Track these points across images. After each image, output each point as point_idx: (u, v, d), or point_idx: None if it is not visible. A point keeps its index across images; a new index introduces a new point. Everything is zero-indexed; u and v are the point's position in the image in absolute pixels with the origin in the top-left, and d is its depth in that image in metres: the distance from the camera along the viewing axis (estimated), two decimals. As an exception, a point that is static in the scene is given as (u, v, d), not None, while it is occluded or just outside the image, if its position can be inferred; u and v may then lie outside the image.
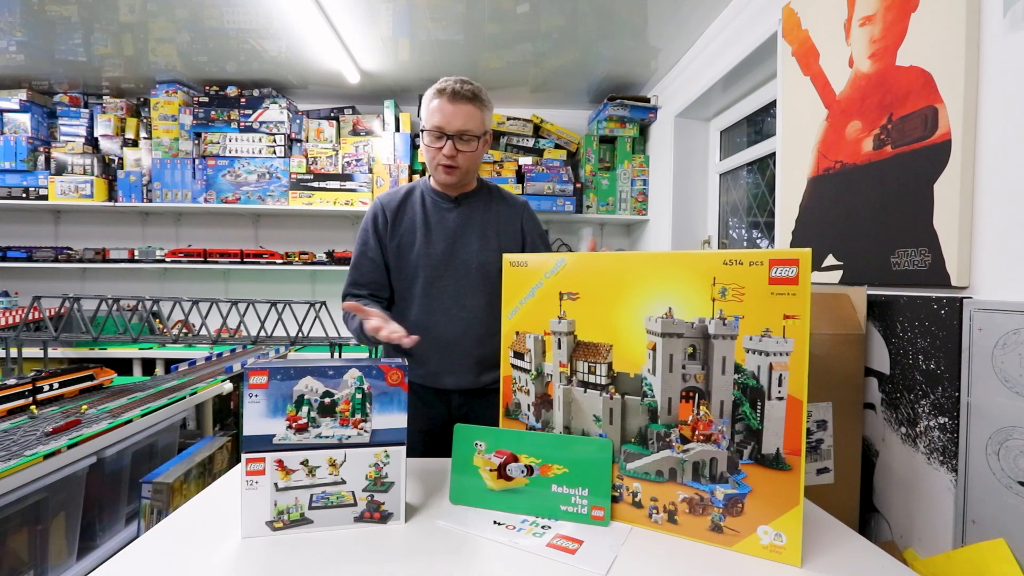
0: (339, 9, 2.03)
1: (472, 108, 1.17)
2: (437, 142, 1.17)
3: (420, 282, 1.24)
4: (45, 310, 2.12)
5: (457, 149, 1.17)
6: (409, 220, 1.26)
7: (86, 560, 1.22)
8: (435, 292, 1.23)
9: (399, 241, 1.25)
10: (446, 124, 1.15)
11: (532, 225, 1.34)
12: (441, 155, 1.18)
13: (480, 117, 1.19)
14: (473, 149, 1.20)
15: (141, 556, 0.69)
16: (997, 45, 0.90)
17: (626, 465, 0.81)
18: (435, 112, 1.16)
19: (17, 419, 1.28)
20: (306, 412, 0.76)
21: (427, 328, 1.24)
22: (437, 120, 1.16)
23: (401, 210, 1.27)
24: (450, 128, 1.15)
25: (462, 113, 1.15)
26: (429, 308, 1.24)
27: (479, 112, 1.18)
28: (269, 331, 2.18)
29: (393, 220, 1.26)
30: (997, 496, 0.85)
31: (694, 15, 2.01)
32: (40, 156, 2.92)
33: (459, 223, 1.26)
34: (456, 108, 1.15)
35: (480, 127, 1.19)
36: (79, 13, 2.11)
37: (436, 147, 1.18)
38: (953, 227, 0.95)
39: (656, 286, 0.77)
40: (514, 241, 1.30)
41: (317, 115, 3.05)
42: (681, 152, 2.60)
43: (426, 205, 1.27)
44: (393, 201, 1.28)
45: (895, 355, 1.07)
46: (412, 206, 1.28)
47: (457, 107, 1.15)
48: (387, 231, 1.26)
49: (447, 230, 1.25)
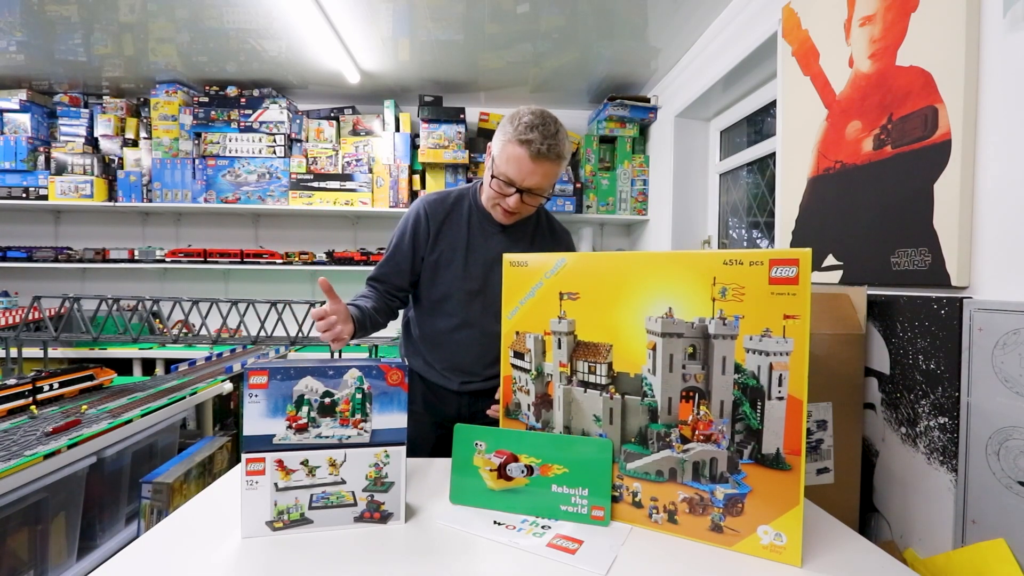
0: (339, 9, 2.03)
1: (552, 167, 1.10)
2: (505, 189, 1.11)
3: (450, 302, 1.23)
4: (45, 310, 2.12)
5: (523, 202, 1.12)
6: (452, 237, 1.22)
7: (86, 560, 1.22)
8: (463, 315, 1.23)
9: (438, 257, 1.22)
10: (520, 180, 1.09)
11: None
12: (505, 201, 1.13)
13: (556, 173, 1.12)
14: (538, 203, 1.16)
15: (141, 556, 0.69)
16: (997, 45, 0.90)
17: (626, 465, 0.81)
18: (512, 162, 1.08)
19: (17, 419, 1.28)
20: (306, 412, 0.76)
21: (446, 345, 1.26)
22: (512, 172, 1.08)
23: (447, 223, 1.23)
24: (523, 185, 1.09)
25: (540, 172, 1.09)
26: (454, 328, 1.24)
27: (557, 169, 1.11)
28: (269, 331, 2.18)
29: (437, 232, 1.22)
30: (997, 496, 0.85)
31: (694, 15, 2.01)
32: (40, 156, 2.92)
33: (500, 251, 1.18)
34: (536, 167, 1.08)
35: (552, 183, 1.14)
36: (79, 13, 2.11)
37: (502, 193, 1.12)
38: (953, 227, 0.95)
39: (656, 286, 0.77)
40: None
41: (317, 115, 3.05)
42: (681, 152, 2.60)
43: (472, 223, 1.23)
44: (440, 211, 1.23)
45: (895, 355, 1.07)
46: (458, 221, 1.23)
47: (538, 166, 1.08)
48: (428, 242, 1.22)
49: (487, 257, 1.21)
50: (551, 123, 1.09)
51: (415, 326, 1.31)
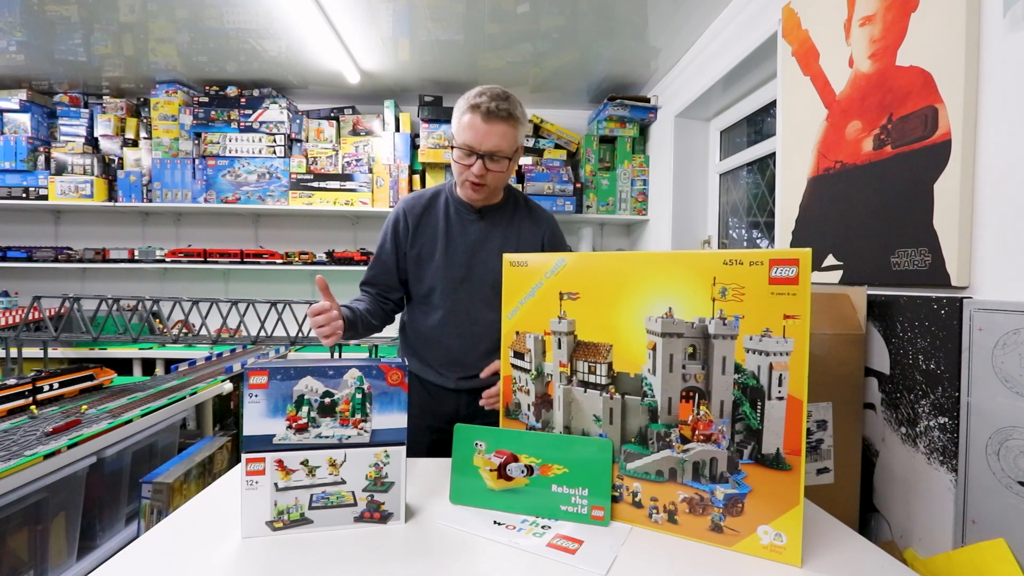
0: (339, 9, 2.03)
1: (506, 128, 1.12)
2: (466, 159, 1.14)
3: (436, 294, 1.24)
4: (45, 310, 2.12)
5: (487, 168, 1.13)
6: (431, 229, 1.25)
7: (86, 560, 1.22)
8: (449, 305, 1.24)
9: (419, 251, 1.24)
10: (477, 144, 1.11)
11: (555, 242, 1.32)
12: (469, 172, 1.14)
13: (513, 136, 1.14)
14: (503, 169, 1.16)
15: (141, 556, 0.69)
16: (997, 45, 0.90)
17: (626, 465, 0.81)
18: (467, 129, 1.12)
19: (17, 419, 1.28)
20: (306, 412, 0.76)
21: (438, 339, 1.26)
22: (468, 138, 1.12)
23: (424, 217, 1.25)
24: (481, 148, 1.11)
25: (495, 133, 1.11)
26: (442, 320, 1.24)
27: (513, 131, 1.13)
28: (269, 331, 2.18)
29: (415, 228, 1.24)
30: (997, 496, 0.85)
31: (694, 15, 2.01)
32: (40, 156, 2.92)
33: (480, 236, 1.24)
34: (489, 128, 1.10)
35: (512, 146, 1.15)
36: (79, 13, 2.11)
37: (465, 164, 1.14)
38: (953, 227, 0.95)
39: (656, 286, 0.77)
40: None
41: (317, 115, 3.05)
42: (681, 152, 2.60)
43: (450, 214, 1.25)
44: (417, 207, 1.26)
45: (895, 355, 1.07)
46: (436, 213, 1.26)
47: (491, 127, 1.10)
48: (408, 239, 1.25)
49: (468, 243, 1.23)
50: (499, 90, 1.13)
51: (408, 326, 1.33)
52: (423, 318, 1.28)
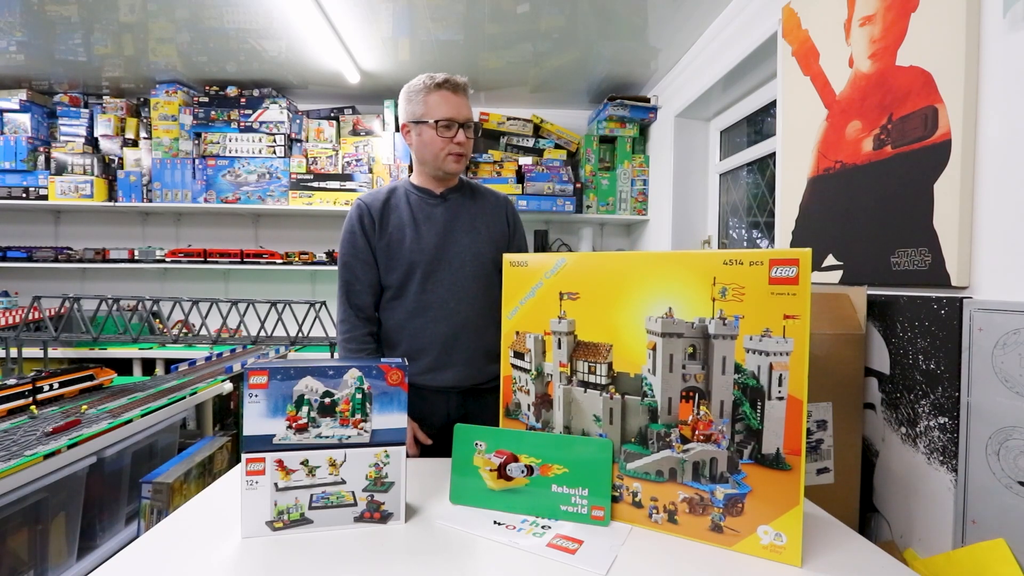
0: (339, 9, 2.03)
1: (468, 100, 1.26)
2: (448, 132, 1.21)
3: (416, 277, 1.23)
4: (45, 310, 2.12)
5: (468, 137, 1.24)
6: (397, 218, 1.26)
7: (86, 560, 1.22)
8: (431, 286, 1.24)
9: (388, 240, 1.25)
10: (456, 114, 1.21)
11: (516, 217, 1.39)
12: (453, 144, 1.22)
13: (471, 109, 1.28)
14: (472, 138, 1.27)
15: (141, 556, 0.69)
16: (997, 45, 0.90)
17: (626, 465, 0.81)
18: (441, 104, 1.21)
19: (17, 419, 1.28)
20: (306, 412, 0.76)
21: (424, 324, 1.24)
22: (446, 111, 1.20)
23: (386, 209, 1.27)
24: (460, 117, 1.22)
25: (466, 105, 1.24)
26: (425, 303, 1.24)
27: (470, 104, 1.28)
28: (269, 331, 2.18)
29: (380, 219, 1.25)
30: (997, 496, 0.85)
31: (694, 15, 2.01)
32: (40, 156, 2.92)
33: (448, 217, 1.27)
34: (460, 100, 1.22)
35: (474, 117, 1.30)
36: (79, 13, 2.11)
37: (447, 137, 1.21)
38: (953, 227, 0.95)
39: (656, 286, 0.77)
40: (501, 232, 1.33)
41: (317, 115, 3.05)
42: (681, 152, 2.60)
43: (412, 203, 1.28)
44: (377, 201, 1.27)
45: (895, 355, 1.07)
46: (397, 205, 1.28)
47: (460, 99, 1.22)
48: (375, 230, 1.25)
49: (437, 225, 1.26)
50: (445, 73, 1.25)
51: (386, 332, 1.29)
52: (403, 307, 1.25)
